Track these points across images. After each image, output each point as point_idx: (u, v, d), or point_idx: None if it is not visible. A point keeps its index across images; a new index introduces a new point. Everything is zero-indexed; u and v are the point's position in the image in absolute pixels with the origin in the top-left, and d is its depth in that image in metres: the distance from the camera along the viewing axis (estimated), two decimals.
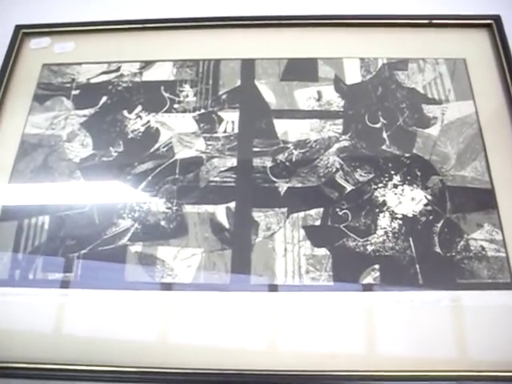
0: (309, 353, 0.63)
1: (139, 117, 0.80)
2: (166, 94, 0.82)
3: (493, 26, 0.82)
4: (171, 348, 0.64)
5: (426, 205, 0.71)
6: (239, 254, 0.69)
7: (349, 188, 0.73)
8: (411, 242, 0.69)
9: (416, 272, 0.67)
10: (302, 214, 0.71)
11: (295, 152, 0.76)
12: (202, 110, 0.80)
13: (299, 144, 0.77)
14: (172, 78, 0.83)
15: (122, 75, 0.84)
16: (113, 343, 0.65)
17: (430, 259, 0.68)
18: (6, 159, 0.78)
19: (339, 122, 0.78)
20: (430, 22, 0.84)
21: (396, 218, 0.70)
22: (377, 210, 0.71)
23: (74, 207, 0.74)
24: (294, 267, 0.68)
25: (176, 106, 0.81)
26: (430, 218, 0.70)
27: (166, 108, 0.81)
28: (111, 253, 0.70)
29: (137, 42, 0.87)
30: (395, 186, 0.73)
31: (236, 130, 0.78)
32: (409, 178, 0.73)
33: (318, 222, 0.71)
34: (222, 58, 0.84)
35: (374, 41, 0.84)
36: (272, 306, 0.66)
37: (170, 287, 0.68)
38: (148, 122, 0.80)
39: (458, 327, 0.64)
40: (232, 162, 0.76)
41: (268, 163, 0.75)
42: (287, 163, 0.75)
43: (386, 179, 0.73)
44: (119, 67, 0.85)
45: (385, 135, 0.77)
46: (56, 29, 0.88)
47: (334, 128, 0.77)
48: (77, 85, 0.84)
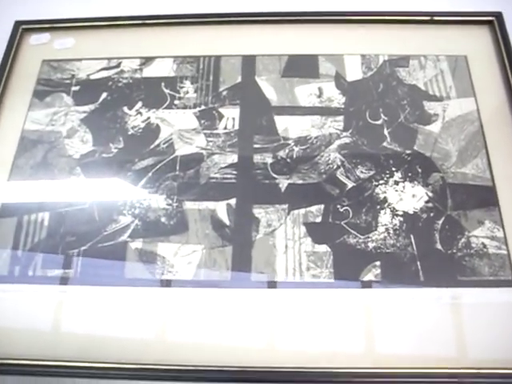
0: (309, 350, 0.63)
1: (139, 113, 0.80)
2: (167, 91, 0.82)
3: (494, 23, 0.82)
4: (171, 345, 0.64)
5: (426, 202, 0.71)
6: (240, 250, 0.69)
7: (350, 185, 0.73)
8: (412, 239, 0.69)
9: (417, 269, 0.67)
10: (302, 210, 0.71)
11: (296, 148, 0.76)
12: (203, 107, 0.80)
13: (300, 140, 0.76)
14: (172, 75, 0.83)
15: (122, 71, 0.84)
16: (112, 340, 0.65)
17: (430, 256, 0.67)
18: (6, 155, 0.78)
19: (340, 118, 0.78)
20: (431, 18, 0.84)
21: (397, 215, 0.70)
22: (378, 206, 0.71)
23: (74, 204, 0.74)
24: (294, 264, 0.68)
25: (176, 102, 0.81)
26: (431, 215, 0.70)
27: (166, 104, 0.80)
28: (111, 249, 0.70)
29: (137, 38, 0.86)
30: (396, 183, 0.72)
31: (236, 127, 0.78)
32: (410, 174, 0.73)
33: (318, 219, 0.70)
34: (223, 54, 0.84)
35: (375, 37, 0.84)
36: (272, 302, 0.66)
37: (170, 284, 0.68)
38: (148, 118, 0.80)
39: (458, 324, 0.64)
40: (232, 158, 0.75)
41: (269, 160, 0.75)
42: (288, 160, 0.75)
43: (387, 176, 0.73)
44: (119, 63, 0.85)
45: (386, 132, 0.76)
46: (56, 25, 0.88)
47: (334, 125, 0.77)
48: (77, 81, 0.84)
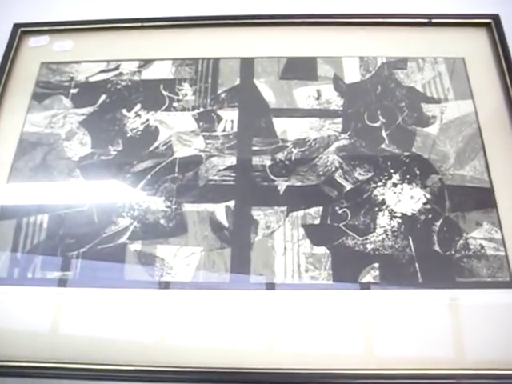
0: (308, 351, 0.63)
1: (138, 115, 0.80)
2: (165, 93, 0.82)
3: (492, 25, 0.83)
4: (170, 346, 0.64)
5: (425, 203, 0.71)
6: (239, 252, 0.69)
7: (348, 187, 0.73)
8: (410, 241, 0.69)
9: (415, 271, 0.67)
10: (301, 212, 0.71)
11: (294, 151, 0.76)
12: (201, 109, 0.80)
13: (298, 143, 0.77)
14: (171, 77, 0.83)
15: (120, 74, 0.84)
16: (111, 342, 0.65)
17: (429, 258, 0.68)
18: (5, 158, 0.78)
19: (338, 120, 0.78)
20: (429, 21, 0.84)
21: (395, 217, 0.70)
22: (376, 208, 0.71)
23: (73, 206, 0.74)
24: (293, 266, 0.68)
25: (175, 104, 0.81)
26: (430, 216, 0.70)
27: (165, 106, 0.81)
28: (110, 251, 0.70)
29: (136, 40, 0.87)
30: (394, 185, 0.73)
31: (235, 129, 0.78)
32: (408, 176, 0.73)
33: (317, 221, 0.71)
34: (221, 56, 0.84)
35: (373, 40, 0.84)
36: (271, 304, 0.66)
37: (169, 286, 0.68)
38: (147, 120, 0.80)
39: (456, 326, 0.64)
40: (231, 160, 0.76)
41: (267, 162, 0.75)
42: (286, 162, 0.75)
43: (386, 178, 0.73)
44: (118, 66, 0.85)
45: (384, 134, 0.77)
46: (55, 27, 0.88)
47: (333, 127, 0.77)
48: (75, 83, 0.84)
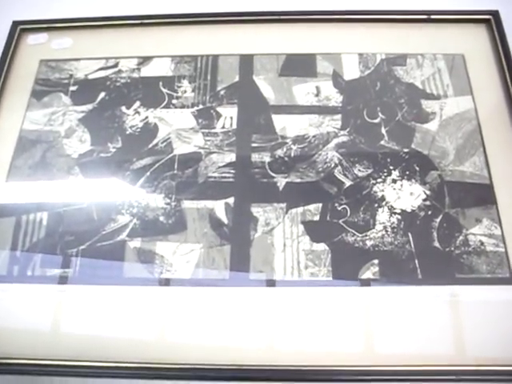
0: (308, 348, 0.63)
1: (137, 112, 0.80)
2: (165, 90, 0.82)
3: (491, 22, 0.82)
4: (170, 343, 0.64)
5: (424, 200, 0.71)
6: (238, 249, 0.69)
7: (347, 183, 0.73)
8: (410, 237, 0.69)
9: (415, 267, 0.67)
10: (300, 209, 0.71)
11: (294, 147, 0.76)
12: (201, 106, 0.80)
13: (298, 139, 0.76)
14: (170, 74, 0.83)
15: (119, 71, 0.84)
16: (111, 339, 0.65)
17: (428, 254, 0.68)
18: (4, 155, 0.78)
19: (338, 117, 0.78)
20: (428, 17, 0.84)
21: (395, 213, 0.70)
22: (376, 205, 0.71)
23: (73, 203, 0.74)
24: (293, 262, 0.68)
25: (174, 101, 0.81)
26: (429, 213, 0.70)
27: (164, 104, 0.81)
28: (110, 249, 0.70)
29: (135, 37, 0.86)
30: (394, 181, 0.73)
31: (234, 126, 0.78)
32: (407, 173, 0.73)
33: (316, 218, 0.71)
34: (221, 53, 0.84)
35: (372, 36, 0.84)
36: (271, 301, 0.66)
37: (168, 283, 0.68)
38: (146, 117, 0.80)
39: (456, 322, 0.64)
40: (231, 157, 0.76)
41: (267, 158, 0.75)
42: (286, 158, 0.75)
43: (385, 174, 0.73)
44: (117, 63, 0.85)
45: (383, 130, 0.76)
46: (53, 25, 0.88)
47: (332, 123, 0.77)
48: (75, 81, 0.84)
